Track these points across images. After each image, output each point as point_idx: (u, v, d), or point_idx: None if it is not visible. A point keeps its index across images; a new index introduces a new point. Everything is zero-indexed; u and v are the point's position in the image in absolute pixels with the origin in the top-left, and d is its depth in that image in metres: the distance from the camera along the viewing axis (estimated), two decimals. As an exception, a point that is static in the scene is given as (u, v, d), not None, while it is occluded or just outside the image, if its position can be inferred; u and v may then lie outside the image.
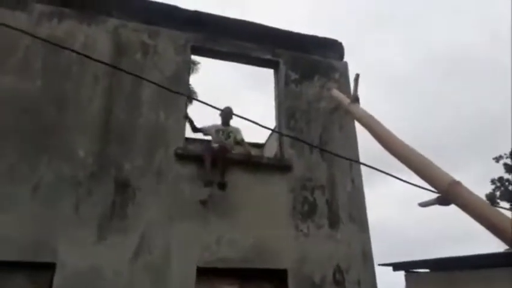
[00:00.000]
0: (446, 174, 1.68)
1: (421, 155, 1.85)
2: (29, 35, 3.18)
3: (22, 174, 4.49)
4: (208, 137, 5.91)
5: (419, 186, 1.95)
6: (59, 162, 4.64)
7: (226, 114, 5.66)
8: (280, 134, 5.76)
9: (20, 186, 4.43)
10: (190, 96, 5.93)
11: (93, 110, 5.01)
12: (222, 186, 4.85)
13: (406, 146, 1.95)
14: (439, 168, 1.74)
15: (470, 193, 1.55)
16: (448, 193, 1.61)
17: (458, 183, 1.62)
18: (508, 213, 1.62)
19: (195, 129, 5.66)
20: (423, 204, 1.78)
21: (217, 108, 3.51)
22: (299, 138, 5.22)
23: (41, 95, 4.90)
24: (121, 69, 4.07)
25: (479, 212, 1.46)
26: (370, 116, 2.30)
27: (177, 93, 4.30)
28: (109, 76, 5.13)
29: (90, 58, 2.81)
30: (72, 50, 3.32)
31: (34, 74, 4.98)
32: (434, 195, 1.79)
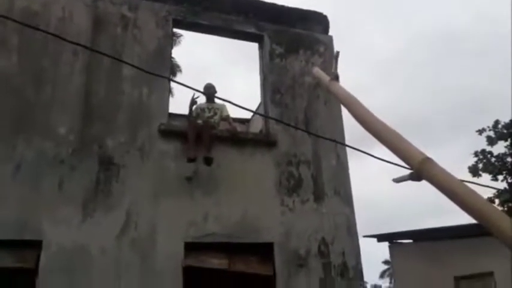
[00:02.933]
0: (419, 151, 1.73)
1: (395, 132, 1.88)
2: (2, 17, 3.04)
3: (2, 154, 4.41)
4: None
5: (394, 163, 1.97)
6: (39, 140, 4.57)
7: (209, 91, 5.61)
8: (265, 117, 5.70)
9: (1, 166, 4.36)
10: (171, 79, 5.82)
11: (73, 86, 4.90)
12: (208, 161, 4.83)
13: (382, 123, 1.97)
14: (411, 145, 1.78)
15: (441, 169, 1.60)
16: (419, 169, 1.66)
17: (429, 159, 1.67)
18: (474, 186, 1.66)
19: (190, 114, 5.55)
20: (397, 180, 1.83)
21: (198, 90, 3.50)
22: (283, 122, 5.15)
23: (18, 72, 4.77)
24: (99, 52, 3.97)
25: (449, 188, 1.52)
26: (349, 94, 2.31)
27: (158, 75, 4.20)
28: (88, 51, 4.98)
29: (66, 40, 2.71)
30: (48, 32, 3.24)
31: (10, 49, 4.82)
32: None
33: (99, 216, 4.50)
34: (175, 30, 6.10)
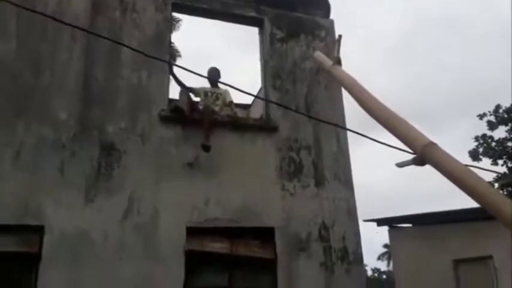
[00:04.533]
0: (422, 135, 1.70)
1: (398, 117, 1.85)
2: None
3: (2, 139, 4.41)
4: (197, 99, 5.79)
5: (397, 148, 1.96)
6: (39, 125, 4.56)
7: (213, 75, 5.60)
8: (266, 101, 5.67)
9: (1, 151, 4.36)
10: (170, 62, 5.79)
11: (72, 70, 4.87)
12: (206, 148, 4.82)
13: (385, 108, 1.94)
14: (415, 130, 1.76)
15: (445, 154, 1.58)
16: (422, 154, 1.64)
17: (433, 144, 1.64)
18: (477, 170, 1.65)
19: (181, 84, 5.57)
20: (400, 165, 1.81)
21: (198, 74, 3.48)
22: (285, 105, 5.08)
23: (17, 57, 4.73)
24: (97, 34, 3.93)
25: (453, 172, 1.50)
26: (352, 78, 2.27)
27: (157, 58, 4.17)
28: (87, 35, 4.92)
29: (64, 23, 2.69)
30: (45, 15, 3.23)
31: (9, 34, 4.77)
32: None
33: (101, 201, 4.51)
34: (174, 14, 6.02)
